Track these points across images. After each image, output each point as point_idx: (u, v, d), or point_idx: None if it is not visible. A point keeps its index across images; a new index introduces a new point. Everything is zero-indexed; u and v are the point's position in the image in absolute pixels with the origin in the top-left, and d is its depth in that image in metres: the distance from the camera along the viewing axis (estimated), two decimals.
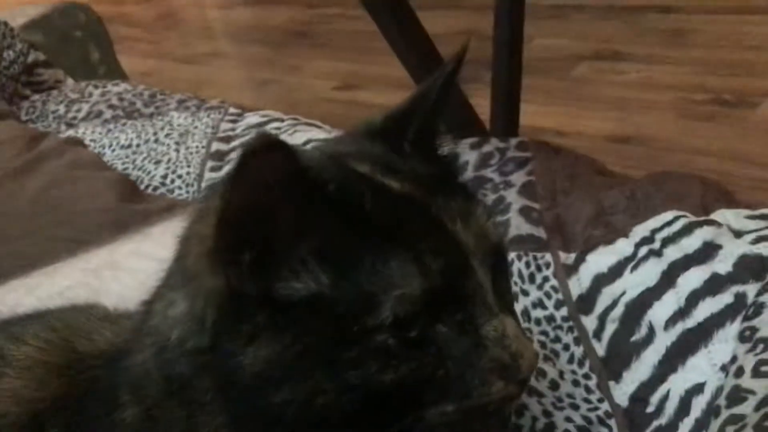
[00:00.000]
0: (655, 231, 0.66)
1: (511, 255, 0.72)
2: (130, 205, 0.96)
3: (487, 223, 0.42)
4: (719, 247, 0.61)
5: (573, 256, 0.70)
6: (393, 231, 0.38)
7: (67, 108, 1.33)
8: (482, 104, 1.15)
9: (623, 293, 0.64)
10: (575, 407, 0.60)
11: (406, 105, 0.47)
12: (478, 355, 0.39)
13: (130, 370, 0.43)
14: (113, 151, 1.16)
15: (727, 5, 1.97)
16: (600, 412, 0.59)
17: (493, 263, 0.41)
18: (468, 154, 0.90)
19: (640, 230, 0.67)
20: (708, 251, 0.61)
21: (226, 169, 0.90)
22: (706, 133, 1.52)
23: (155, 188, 1.05)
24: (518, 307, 0.69)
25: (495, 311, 0.39)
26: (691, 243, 0.62)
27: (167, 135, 1.16)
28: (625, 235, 0.68)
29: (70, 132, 1.23)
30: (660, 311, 0.60)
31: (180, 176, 1.05)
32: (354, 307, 0.36)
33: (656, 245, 0.65)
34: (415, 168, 0.43)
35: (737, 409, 0.48)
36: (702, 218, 0.65)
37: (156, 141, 1.15)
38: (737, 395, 0.49)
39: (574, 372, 0.63)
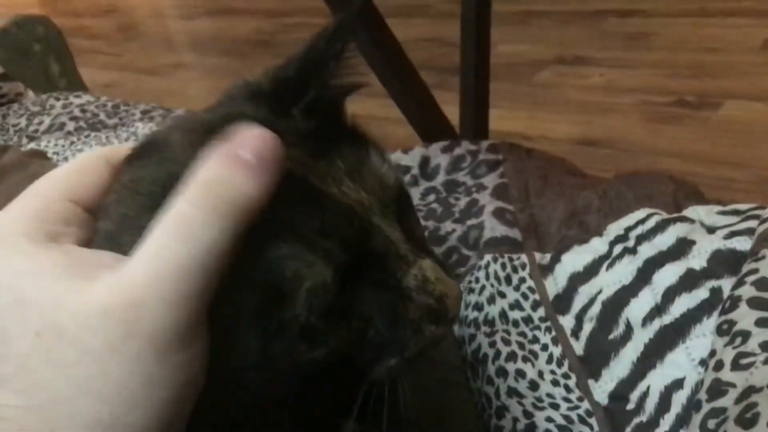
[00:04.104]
0: (628, 229, 0.66)
1: (487, 257, 0.72)
2: None
3: (382, 169, 0.39)
4: (693, 242, 0.61)
5: (548, 256, 0.70)
6: (276, 222, 0.34)
7: (28, 121, 1.30)
8: (449, 110, 1.15)
9: (599, 291, 0.64)
10: (555, 407, 0.60)
11: (296, 68, 0.41)
12: (404, 307, 0.37)
13: None
14: None
15: (686, 8, 2.01)
16: (580, 411, 0.59)
17: (398, 208, 0.39)
18: (439, 158, 0.90)
19: (614, 229, 0.67)
20: (682, 247, 0.61)
21: None
22: (670, 134, 1.54)
23: None
24: (495, 310, 0.68)
25: (411, 259, 0.37)
26: (665, 240, 0.63)
27: None
28: (599, 234, 0.68)
29: (32, 145, 1.20)
30: (636, 308, 0.60)
31: None
32: (266, 305, 0.34)
33: (630, 243, 0.65)
34: (299, 131, 0.38)
35: (718, 403, 0.48)
36: (675, 215, 0.65)
37: None
38: (718, 388, 0.49)
39: (553, 372, 0.63)
